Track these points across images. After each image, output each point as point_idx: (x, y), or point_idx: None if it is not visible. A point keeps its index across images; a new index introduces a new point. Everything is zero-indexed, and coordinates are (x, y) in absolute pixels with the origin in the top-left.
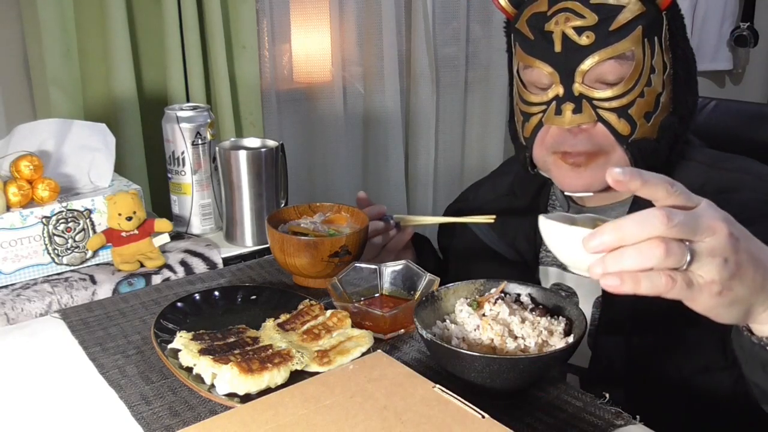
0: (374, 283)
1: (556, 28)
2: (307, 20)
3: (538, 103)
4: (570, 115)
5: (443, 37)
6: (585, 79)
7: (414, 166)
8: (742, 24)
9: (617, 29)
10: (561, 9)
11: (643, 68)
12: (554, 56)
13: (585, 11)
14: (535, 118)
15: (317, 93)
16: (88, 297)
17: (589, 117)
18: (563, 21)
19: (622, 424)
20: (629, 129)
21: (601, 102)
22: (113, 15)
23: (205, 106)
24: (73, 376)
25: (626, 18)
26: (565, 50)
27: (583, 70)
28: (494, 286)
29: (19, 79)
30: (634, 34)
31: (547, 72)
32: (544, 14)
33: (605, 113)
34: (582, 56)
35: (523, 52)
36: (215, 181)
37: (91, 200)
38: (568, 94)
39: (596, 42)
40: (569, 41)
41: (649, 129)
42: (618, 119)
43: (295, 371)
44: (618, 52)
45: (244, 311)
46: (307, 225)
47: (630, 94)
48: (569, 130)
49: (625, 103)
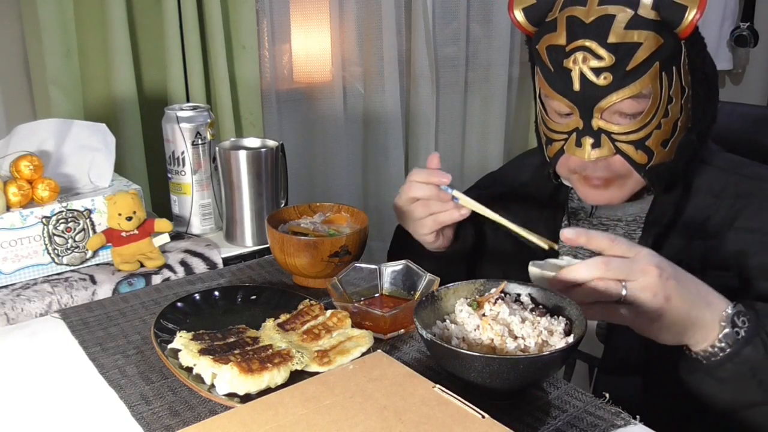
0: (374, 283)
1: (575, 67)
2: (307, 20)
3: (559, 131)
4: (590, 149)
5: (443, 37)
6: (603, 115)
7: (414, 166)
8: (742, 24)
9: (634, 69)
10: (579, 47)
11: (660, 102)
12: (573, 93)
13: (602, 51)
14: (557, 144)
15: (317, 93)
16: (88, 297)
17: (608, 151)
18: (581, 60)
19: (622, 424)
20: (646, 158)
21: (619, 135)
22: (113, 15)
23: (205, 106)
24: (73, 376)
25: (643, 56)
26: (584, 88)
27: (602, 108)
28: (494, 286)
29: (19, 79)
30: (651, 72)
31: (567, 105)
32: (562, 48)
33: (623, 145)
34: (600, 95)
35: (543, 80)
36: (215, 181)
37: (91, 200)
38: (587, 128)
39: (614, 83)
40: (587, 81)
41: (666, 153)
42: (635, 150)
43: (295, 371)
44: (635, 92)
45: (244, 311)
46: (307, 225)
47: (647, 128)
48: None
49: (643, 136)
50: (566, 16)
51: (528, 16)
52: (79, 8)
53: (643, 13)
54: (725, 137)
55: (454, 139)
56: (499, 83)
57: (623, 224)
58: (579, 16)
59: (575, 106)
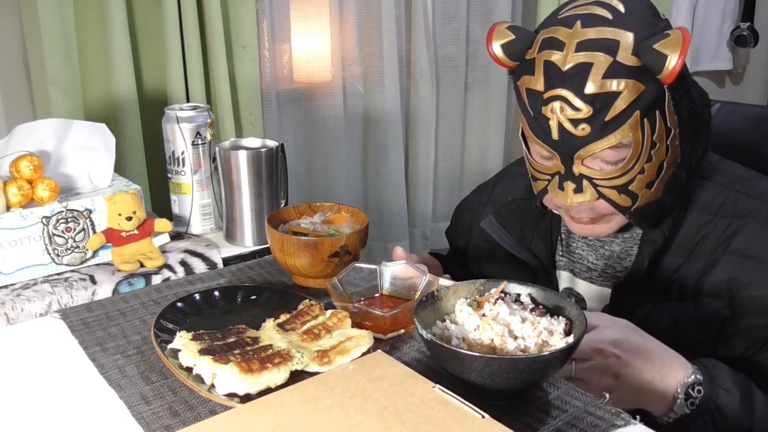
0: (374, 283)
1: (553, 116)
2: (307, 20)
3: (542, 172)
4: (572, 194)
5: (443, 37)
6: (584, 162)
7: (414, 166)
8: (742, 24)
9: (613, 119)
10: (555, 96)
11: (642, 149)
12: (552, 141)
13: (579, 103)
14: (541, 183)
15: (317, 93)
16: (88, 297)
17: (591, 196)
18: (558, 110)
19: (622, 424)
20: (630, 202)
21: (602, 180)
22: (113, 15)
23: (205, 106)
24: (73, 376)
25: (623, 106)
26: (562, 138)
27: (582, 156)
28: (494, 286)
29: (19, 79)
30: (631, 122)
31: (547, 151)
32: (540, 95)
33: (605, 190)
34: (579, 144)
35: (525, 122)
36: (215, 181)
37: (91, 200)
38: (568, 173)
39: (592, 134)
40: (565, 130)
41: (652, 194)
42: (619, 195)
43: (295, 371)
44: (614, 143)
45: (244, 311)
46: (307, 225)
47: (629, 174)
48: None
49: (626, 182)
50: (543, 60)
51: (507, 52)
52: (79, 8)
53: (622, 60)
54: (725, 137)
55: (454, 139)
56: (499, 83)
57: (619, 240)
58: (556, 63)
59: (555, 152)
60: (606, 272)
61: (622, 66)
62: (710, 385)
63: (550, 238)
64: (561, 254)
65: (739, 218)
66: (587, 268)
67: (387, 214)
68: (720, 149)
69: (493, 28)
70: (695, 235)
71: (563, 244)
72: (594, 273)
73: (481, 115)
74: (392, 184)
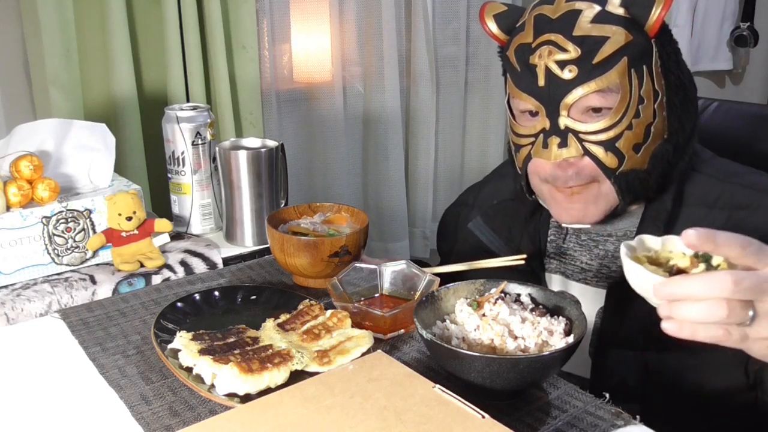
0: (374, 283)
1: (540, 62)
2: (307, 20)
3: (526, 135)
4: (556, 150)
5: (443, 37)
6: (570, 113)
7: (414, 166)
8: (742, 24)
9: (601, 62)
10: (544, 42)
11: (630, 100)
12: (539, 90)
13: (568, 45)
14: (524, 150)
15: (317, 93)
16: (88, 297)
17: (575, 151)
18: (546, 54)
19: (622, 424)
20: (617, 162)
21: (588, 135)
22: (113, 15)
23: (205, 106)
24: (73, 376)
25: (610, 50)
26: (549, 84)
27: (567, 104)
28: (494, 286)
29: (19, 79)
30: (619, 67)
31: (533, 105)
32: (529, 46)
33: (592, 146)
34: (566, 90)
35: (511, 83)
36: (215, 181)
37: (91, 200)
38: (554, 128)
39: (579, 76)
40: (552, 75)
41: (639, 160)
42: (605, 153)
43: (295, 371)
44: (602, 86)
45: (244, 311)
46: (307, 225)
47: (617, 127)
48: (557, 164)
49: (612, 136)
50: (534, 15)
51: (500, 23)
52: (79, 8)
53: (611, 9)
54: (723, 136)
55: (454, 139)
56: (499, 83)
57: (614, 239)
58: (546, 14)
59: (541, 104)
60: (601, 272)
61: (611, 14)
62: None
63: (539, 240)
64: (551, 257)
65: (738, 210)
66: (581, 269)
67: (387, 214)
68: (717, 148)
69: (485, 5)
70: None
71: (554, 246)
72: (588, 274)
73: (481, 115)
74: (392, 184)
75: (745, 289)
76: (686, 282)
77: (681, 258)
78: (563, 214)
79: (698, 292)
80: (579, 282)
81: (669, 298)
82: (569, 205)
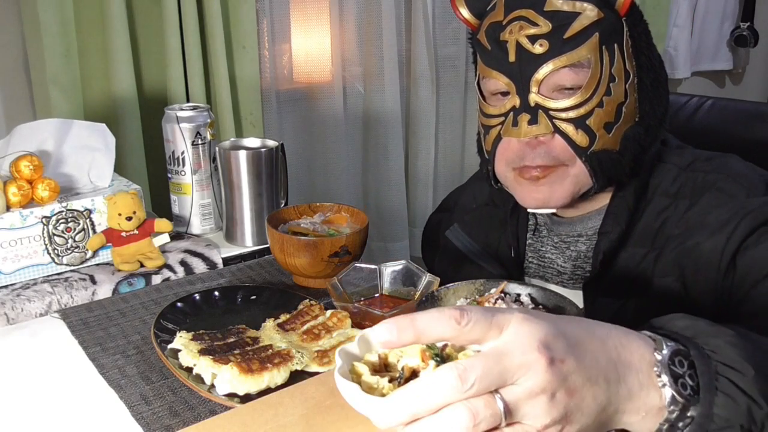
0: (374, 283)
1: (511, 37)
2: (307, 20)
3: (496, 115)
4: (526, 127)
5: (443, 37)
6: (541, 89)
7: (414, 166)
8: (742, 24)
9: (572, 37)
10: (515, 18)
11: (601, 77)
12: (509, 66)
13: (539, 19)
14: (494, 130)
15: (317, 93)
16: (88, 297)
17: (545, 128)
18: (517, 30)
19: None
20: (588, 140)
21: (558, 112)
22: (113, 15)
23: (205, 106)
24: (73, 376)
25: (581, 25)
26: (520, 60)
27: (538, 79)
28: (494, 286)
29: (19, 79)
30: (590, 42)
31: (504, 82)
32: (500, 23)
33: (562, 124)
34: (536, 65)
35: (481, 63)
36: (215, 181)
37: (91, 200)
38: (524, 105)
39: (550, 50)
40: (523, 50)
41: (610, 140)
42: (576, 130)
43: (295, 371)
44: (573, 61)
45: (244, 311)
46: (307, 225)
47: (588, 104)
48: (527, 143)
49: (583, 113)
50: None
51: (471, 8)
52: (79, 8)
53: None
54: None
55: (454, 139)
56: None
57: (584, 239)
58: None
59: (511, 81)
60: (576, 274)
61: None
62: (694, 346)
63: (518, 243)
64: (530, 259)
65: (697, 195)
66: (557, 272)
67: (387, 214)
68: (712, 145)
69: None
70: (656, 221)
71: (532, 249)
72: (564, 276)
73: None
74: (392, 184)
75: (477, 381)
76: (409, 395)
77: (413, 354)
78: (528, 198)
79: (426, 406)
80: (558, 285)
81: (397, 423)
82: (535, 188)
